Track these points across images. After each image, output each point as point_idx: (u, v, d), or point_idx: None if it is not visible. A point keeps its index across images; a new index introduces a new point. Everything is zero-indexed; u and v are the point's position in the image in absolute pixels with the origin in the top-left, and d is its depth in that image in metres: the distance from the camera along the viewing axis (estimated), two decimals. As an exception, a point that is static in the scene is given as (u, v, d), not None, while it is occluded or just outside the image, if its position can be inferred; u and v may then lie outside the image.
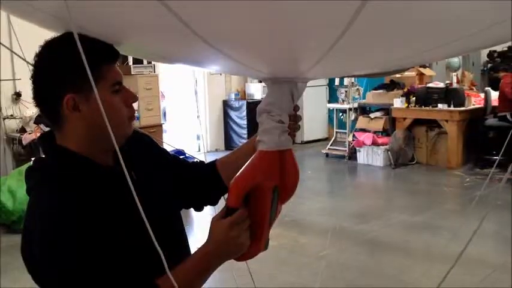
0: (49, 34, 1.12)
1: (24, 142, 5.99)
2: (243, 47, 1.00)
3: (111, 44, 1.08)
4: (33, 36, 1.36)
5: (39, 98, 1.08)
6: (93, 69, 0.88)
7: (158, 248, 0.90)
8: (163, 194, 1.25)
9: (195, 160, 1.44)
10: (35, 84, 1.07)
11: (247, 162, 1.15)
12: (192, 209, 1.41)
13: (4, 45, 1.52)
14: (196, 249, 1.13)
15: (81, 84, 1.02)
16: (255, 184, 1.13)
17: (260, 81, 9.00)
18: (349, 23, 0.78)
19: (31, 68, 1.08)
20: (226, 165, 1.37)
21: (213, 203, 1.41)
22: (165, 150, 1.38)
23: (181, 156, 1.44)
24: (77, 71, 0.96)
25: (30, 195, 1.09)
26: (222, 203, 1.23)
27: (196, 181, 1.36)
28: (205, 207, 1.41)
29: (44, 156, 1.13)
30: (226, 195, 1.15)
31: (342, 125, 8.49)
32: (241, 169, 1.14)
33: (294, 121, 1.25)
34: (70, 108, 1.05)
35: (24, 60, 1.17)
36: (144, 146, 1.30)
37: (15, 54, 1.72)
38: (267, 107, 1.17)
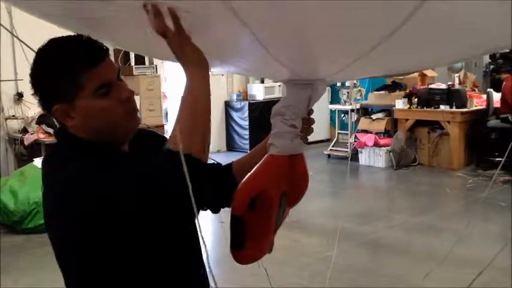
0: (50, 27, 1.14)
1: (26, 142, 5.99)
2: (282, 38, 0.99)
3: (92, 47, 1.05)
4: (34, 26, 1.36)
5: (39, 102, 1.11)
6: (71, 79, 0.89)
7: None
8: None
9: (213, 162, 1.41)
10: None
11: (255, 167, 1.13)
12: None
13: (5, 28, 1.52)
14: None
15: (63, 95, 1.04)
16: (261, 190, 1.11)
17: (262, 82, 9.00)
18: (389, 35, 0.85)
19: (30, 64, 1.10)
20: (241, 167, 1.33)
21: (230, 205, 1.39)
22: None
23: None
24: (56, 83, 1.01)
25: (44, 180, 1.10)
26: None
27: (213, 185, 1.34)
28: (222, 209, 1.38)
29: (58, 143, 1.14)
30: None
31: (343, 126, 8.48)
32: (248, 174, 1.13)
33: (307, 125, 1.22)
34: (61, 117, 1.07)
35: (26, 44, 1.18)
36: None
37: (19, 39, 1.70)
38: (282, 109, 1.15)
